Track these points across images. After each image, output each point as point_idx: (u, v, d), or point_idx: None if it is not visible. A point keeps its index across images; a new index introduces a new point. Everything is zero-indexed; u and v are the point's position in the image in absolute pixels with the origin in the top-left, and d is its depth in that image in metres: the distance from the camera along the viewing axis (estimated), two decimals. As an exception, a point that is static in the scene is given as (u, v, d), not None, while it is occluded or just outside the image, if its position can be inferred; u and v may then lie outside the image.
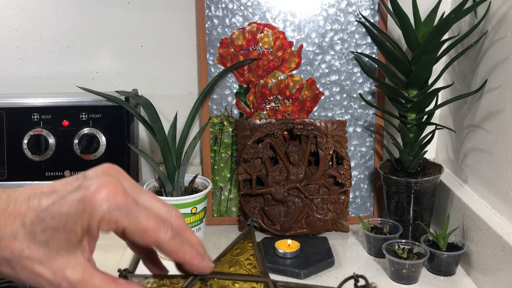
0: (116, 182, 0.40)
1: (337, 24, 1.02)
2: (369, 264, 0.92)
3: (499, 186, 0.84)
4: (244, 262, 0.51)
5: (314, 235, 1.00)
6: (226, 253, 0.52)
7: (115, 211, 0.39)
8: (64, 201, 0.39)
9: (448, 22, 0.84)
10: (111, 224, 0.39)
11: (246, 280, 0.48)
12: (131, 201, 0.40)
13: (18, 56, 1.06)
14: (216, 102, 1.05)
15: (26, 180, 0.96)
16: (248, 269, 0.50)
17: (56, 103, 0.95)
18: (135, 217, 0.40)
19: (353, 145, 1.05)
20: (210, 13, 1.02)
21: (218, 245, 0.99)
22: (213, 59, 1.03)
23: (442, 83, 1.06)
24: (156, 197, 0.44)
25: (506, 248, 0.75)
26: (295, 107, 1.04)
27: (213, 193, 1.07)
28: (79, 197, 0.39)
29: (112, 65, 1.08)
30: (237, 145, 1.02)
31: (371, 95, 1.04)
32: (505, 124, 0.82)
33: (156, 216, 0.41)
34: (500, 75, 0.84)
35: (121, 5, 1.05)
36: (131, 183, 0.42)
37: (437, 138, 1.11)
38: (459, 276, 0.87)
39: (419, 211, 0.94)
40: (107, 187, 0.39)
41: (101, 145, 0.95)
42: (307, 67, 1.03)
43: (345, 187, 0.99)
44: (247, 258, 0.51)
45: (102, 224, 0.39)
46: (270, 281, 0.47)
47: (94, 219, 0.39)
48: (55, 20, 1.05)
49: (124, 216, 0.39)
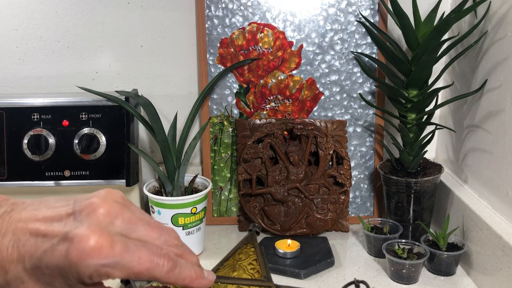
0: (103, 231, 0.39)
1: (337, 24, 1.02)
2: (369, 264, 0.92)
3: (499, 186, 0.84)
4: (247, 267, 0.51)
5: (314, 235, 1.00)
6: (229, 258, 0.53)
7: (103, 268, 0.39)
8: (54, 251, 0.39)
9: (448, 22, 0.84)
10: (102, 277, 0.40)
11: (250, 284, 0.48)
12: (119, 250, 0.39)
13: (18, 56, 1.06)
14: (216, 102, 1.05)
15: (26, 180, 0.96)
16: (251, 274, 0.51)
17: (56, 103, 0.95)
18: (126, 266, 0.40)
19: (353, 145, 1.05)
20: (210, 13, 1.02)
21: (218, 245, 0.99)
22: (213, 59, 1.03)
23: (442, 83, 1.06)
24: (151, 225, 0.43)
25: (506, 248, 0.75)
26: (295, 107, 1.04)
27: (213, 193, 1.07)
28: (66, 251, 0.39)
29: (112, 65, 1.08)
30: (237, 145, 1.02)
31: (371, 95, 1.04)
32: (505, 124, 0.82)
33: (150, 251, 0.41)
34: (500, 75, 0.84)
35: (121, 5, 1.05)
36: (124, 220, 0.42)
37: (437, 138, 1.11)
38: (459, 276, 0.87)
39: (419, 211, 0.94)
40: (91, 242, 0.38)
41: (101, 145, 0.95)
42: (307, 67, 1.03)
43: (345, 187, 0.99)
44: (250, 263, 0.51)
45: (94, 278, 0.39)
46: (273, 285, 0.48)
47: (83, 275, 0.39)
48: (55, 20, 1.05)
49: (113, 269, 0.39)
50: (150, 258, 0.41)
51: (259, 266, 0.51)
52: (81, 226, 0.39)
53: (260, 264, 0.51)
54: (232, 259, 0.52)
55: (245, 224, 1.04)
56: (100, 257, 0.38)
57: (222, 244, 0.99)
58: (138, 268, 0.40)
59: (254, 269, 0.51)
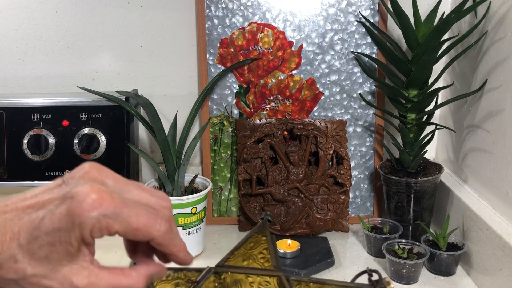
0: (101, 186, 0.40)
1: (337, 24, 1.02)
2: (369, 264, 0.92)
3: (499, 186, 0.84)
4: (258, 256, 0.51)
5: (314, 235, 1.00)
6: (240, 246, 0.52)
7: (104, 219, 0.39)
8: (53, 215, 0.39)
9: (448, 22, 0.84)
10: (102, 231, 0.39)
11: (259, 274, 0.48)
12: (118, 203, 0.40)
13: (18, 56, 1.06)
14: (216, 102, 1.05)
15: (26, 180, 0.96)
16: (261, 263, 0.50)
17: (56, 103, 0.95)
18: (125, 219, 0.40)
19: (353, 145, 1.05)
20: (210, 13, 1.02)
21: (218, 245, 0.99)
22: (213, 59, 1.03)
23: (442, 83, 1.06)
24: (143, 188, 0.44)
25: (506, 248, 0.75)
26: (295, 107, 1.04)
27: (213, 193, 1.07)
28: (66, 210, 0.39)
29: (112, 65, 1.08)
30: (237, 145, 1.02)
31: (371, 95, 1.04)
32: (505, 124, 0.82)
33: (146, 210, 0.41)
34: (500, 75, 0.84)
35: (121, 5, 1.05)
36: (115, 180, 0.42)
37: (437, 138, 1.11)
38: (459, 276, 0.87)
39: (419, 211, 0.94)
40: (92, 195, 0.39)
41: (101, 145, 0.95)
42: (307, 67, 1.03)
43: (345, 187, 0.99)
44: (260, 252, 0.51)
45: (94, 232, 0.39)
46: (283, 275, 0.48)
47: (85, 229, 0.39)
48: (55, 20, 1.05)
49: (114, 221, 0.39)
50: (147, 215, 0.41)
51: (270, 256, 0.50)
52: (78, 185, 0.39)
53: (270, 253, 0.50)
54: (243, 248, 0.52)
55: (245, 224, 1.04)
56: (102, 208, 0.39)
57: (222, 244, 0.99)
58: (136, 224, 0.40)
59: (264, 258, 0.50)
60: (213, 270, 0.48)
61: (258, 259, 0.51)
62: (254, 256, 0.51)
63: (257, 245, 0.52)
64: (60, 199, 0.40)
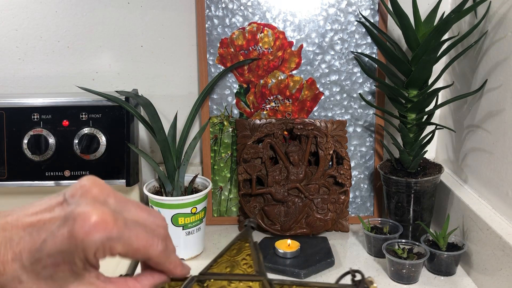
0: (103, 208, 0.40)
1: (337, 24, 1.02)
2: (369, 264, 0.92)
3: (499, 186, 0.84)
4: (240, 262, 0.51)
5: (314, 235, 1.00)
6: (223, 254, 0.52)
7: (108, 242, 0.39)
8: (55, 238, 0.39)
9: (448, 22, 0.84)
10: (106, 252, 0.40)
11: (241, 279, 0.48)
12: (120, 225, 0.40)
13: (18, 56, 1.06)
14: (216, 102, 1.05)
15: (26, 180, 0.96)
16: (244, 269, 0.50)
17: (56, 103, 0.95)
18: (127, 241, 0.40)
19: (353, 145, 1.05)
20: (210, 13, 1.02)
21: (218, 245, 0.99)
22: (213, 59, 1.03)
23: (442, 83, 1.06)
24: (141, 207, 0.44)
25: (506, 248, 0.75)
26: (295, 107, 1.04)
27: (213, 193, 1.07)
28: (69, 233, 0.38)
29: (112, 65, 1.08)
30: (237, 145, 1.02)
31: (371, 95, 1.04)
32: (505, 124, 0.82)
33: (144, 230, 0.42)
34: (500, 75, 0.84)
35: (121, 5, 1.05)
36: (116, 199, 0.42)
37: (437, 138, 1.11)
38: (459, 276, 0.87)
39: (419, 211, 0.94)
40: (94, 217, 0.39)
41: (101, 145, 0.95)
42: (307, 67, 1.03)
43: (345, 187, 0.99)
44: (243, 258, 0.51)
45: (98, 254, 0.40)
46: (264, 279, 0.48)
47: (89, 252, 0.39)
48: (55, 20, 1.05)
49: (116, 243, 0.40)
50: (146, 236, 0.42)
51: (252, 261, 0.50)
52: (80, 205, 0.39)
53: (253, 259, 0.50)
54: (226, 255, 0.52)
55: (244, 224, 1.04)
56: (106, 230, 0.39)
57: (222, 244, 0.99)
58: (136, 244, 0.41)
59: (247, 264, 0.50)
60: (196, 279, 0.48)
61: (241, 265, 0.51)
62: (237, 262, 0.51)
63: (240, 251, 0.52)
64: (62, 219, 0.39)
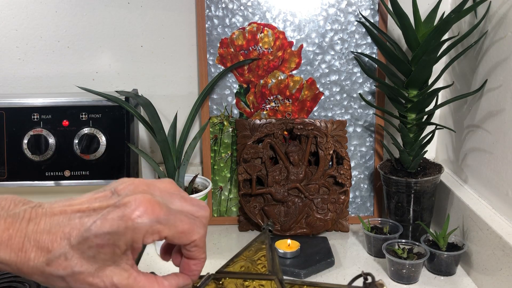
0: (151, 197, 0.44)
1: (337, 24, 1.02)
2: (369, 264, 0.92)
3: (499, 186, 0.84)
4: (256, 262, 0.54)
5: (314, 235, 1.00)
6: (241, 254, 0.56)
7: (157, 224, 0.43)
8: (105, 220, 0.42)
9: (448, 22, 0.84)
10: (154, 235, 0.44)
11: (254, 278, 0.52)
12: (166, 211, 0.44)
13: (18, 56, 1.06)
14: (216, 102, 1.05)
15: (26, 180, 0.96)
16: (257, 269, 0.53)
17: (56, 103, 0.95)
18: (173, 225, 0.44)
19: (353, 145, 1.05)
20: (210, 13, 1.02)
21: (218, 245, 0.99)
22: (213, 59, 1.03)
23: (442, 83, 1.06)
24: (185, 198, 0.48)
25: (506, 248, 0.75)
26: (295, 107, 1.04)
27: (213, 193, 1.07)
28: (120, 216, 0.42)
29: (112, 65, 1.08)
30: (237, 145, 1.02)
31: (371, 95, 1.04)
32: (505, 124, 0.82)
33: (188, 217, 0.46)
34: (500, 75, 0.84)
35: (121, 5, 1.05)
36: (161, 192, 0.47)
37: (437, 138, 1.11)
38: (459, 276, 0.87)
39: (419, 211, 0.94)
40: (144, 203, 0.43)
41: (101, 145, 0.95)
42: (307, 67, 1.03)
43: (345, 187, 0.99)
44: (259, 258, 0.55)
45: (147, 237, 0.43)
46: (276, 279, 0.50)
47: (138, 234, 0.43)
48: (55, 20, 1.05)
49: (164, 226, 0.44)
50: (189, 221, 0.46)
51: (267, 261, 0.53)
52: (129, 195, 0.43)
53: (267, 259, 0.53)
54: (242, 255, 0.55)
55: (245, 224, 1.04)
56: (154, 214, 0.43)
57: (222, 244, 0.99)
58: (181, 228, 0.45)
59: (261, 264, 0.53)
60: (212, 276, 0.52)
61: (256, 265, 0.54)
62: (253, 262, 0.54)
63: (256, 252, 0.55)
64: (112, 206, 0.43)
